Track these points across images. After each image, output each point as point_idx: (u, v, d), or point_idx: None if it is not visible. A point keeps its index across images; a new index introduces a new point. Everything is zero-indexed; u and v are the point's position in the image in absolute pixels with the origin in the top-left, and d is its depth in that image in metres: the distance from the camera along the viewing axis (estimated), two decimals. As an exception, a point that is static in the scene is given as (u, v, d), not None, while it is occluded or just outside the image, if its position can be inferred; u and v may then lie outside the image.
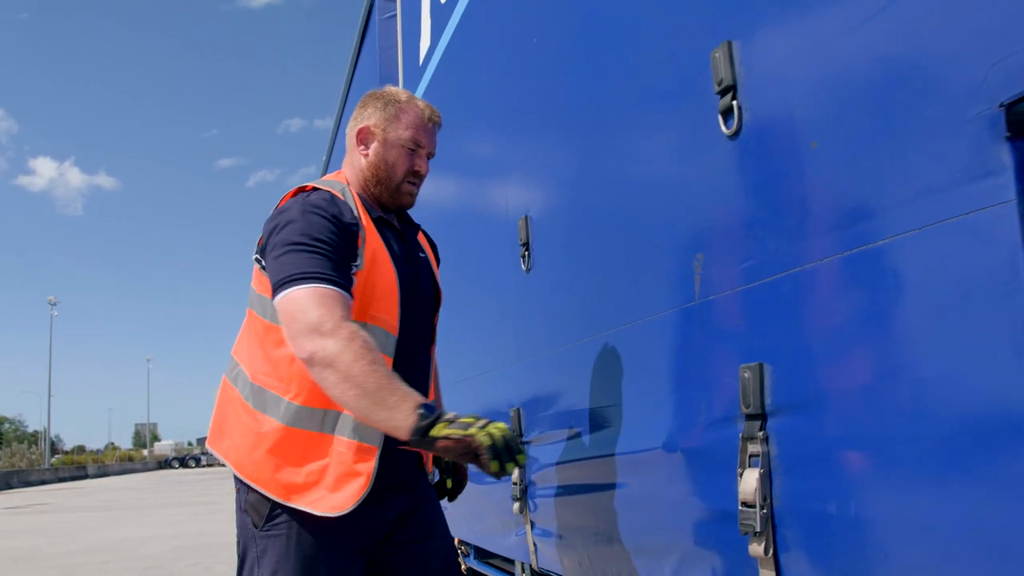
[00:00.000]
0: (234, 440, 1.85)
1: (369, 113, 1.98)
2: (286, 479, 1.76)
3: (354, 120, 2.01)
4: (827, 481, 1.34)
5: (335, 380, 1.61)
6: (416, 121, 1.97)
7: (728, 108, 1.54)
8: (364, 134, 1.97)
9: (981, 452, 1.06)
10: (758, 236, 1.49)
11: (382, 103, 1.98)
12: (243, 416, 1.83)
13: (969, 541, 1.08)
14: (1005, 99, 1.01)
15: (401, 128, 1.95)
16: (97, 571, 7.97)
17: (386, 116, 1.96)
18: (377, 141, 1.95)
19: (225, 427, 1.89)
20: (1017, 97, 1.00)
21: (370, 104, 1.99)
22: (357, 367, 1.59)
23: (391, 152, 1.95)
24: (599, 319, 2.13)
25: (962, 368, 1.09)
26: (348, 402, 1.62)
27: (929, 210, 1.13)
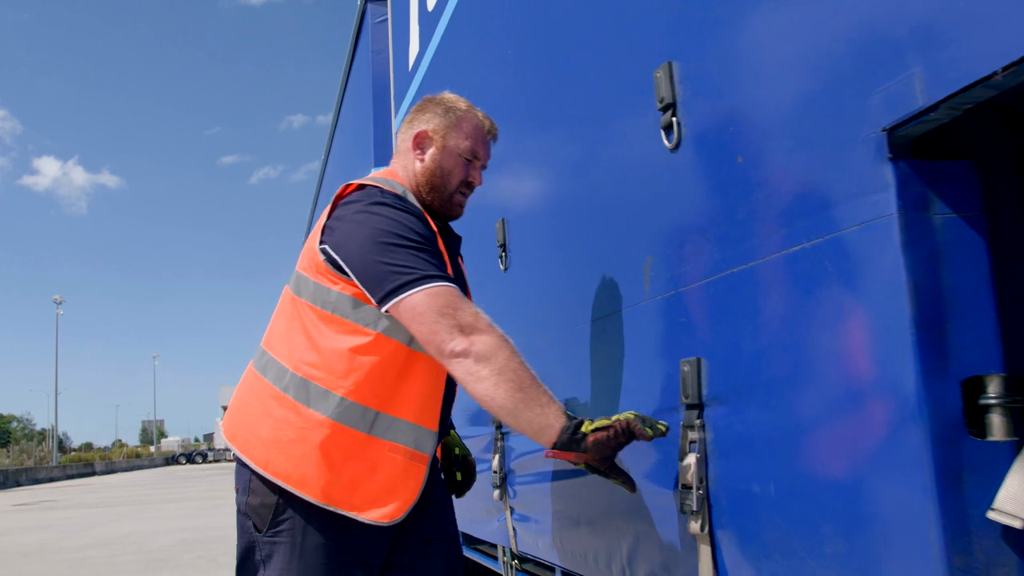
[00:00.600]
0: (260, 434, 1.76)
1: (428, 118, 1.94)
2: (326, 479, 1.70)
3: (409, 123, 1.98)
4: (754, 463, 1.48)
5: (489, 373, 1.58)
6: (476, 131, 1.95)
7: (669, 124, 1.68)
8: (422, 138, 1.93)
9: (873, 436, 1.20)
10: (695, 242, 1.63)
11: (442, 109, 1.95)
12: (276, 408, 1.75)
13: (871, 512, 1.22)
14: (887, 124, 1.15)
15: (461, 137, 1.93)
16: (105, 564, 8.15)
17: (446, 123, 1.93)
18: (435, 147, 1.92)
19: (248, 420, 1.81)
20: (897, 122, 1.14)
21: (429, 108, 1.96)
22: (515, 362, 1.60)
23: (448, 160, 1.92)
24: (566, 316, 2.28)
25: (856, 361, 1.23)
26: (499, 397, 1.58)
27: (832, 221, 1.27)
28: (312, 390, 1.72)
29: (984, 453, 1.14)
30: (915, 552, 1.13)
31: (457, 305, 1.63)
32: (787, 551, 1.39)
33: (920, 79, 1.09)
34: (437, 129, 1.93)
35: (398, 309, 1.65)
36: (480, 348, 1.59)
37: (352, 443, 1.71)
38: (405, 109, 4.43)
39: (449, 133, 1.93)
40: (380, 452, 1.73)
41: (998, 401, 1.14)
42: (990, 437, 1.14)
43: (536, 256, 2.55)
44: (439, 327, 1.60)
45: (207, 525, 11.74)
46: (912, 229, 1.15)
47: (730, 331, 1.54)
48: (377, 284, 1.66)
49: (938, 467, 1.12)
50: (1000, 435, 1.14)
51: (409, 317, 1.64)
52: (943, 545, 1.10)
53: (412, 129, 1.95)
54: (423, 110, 1.97)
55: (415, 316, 1.63)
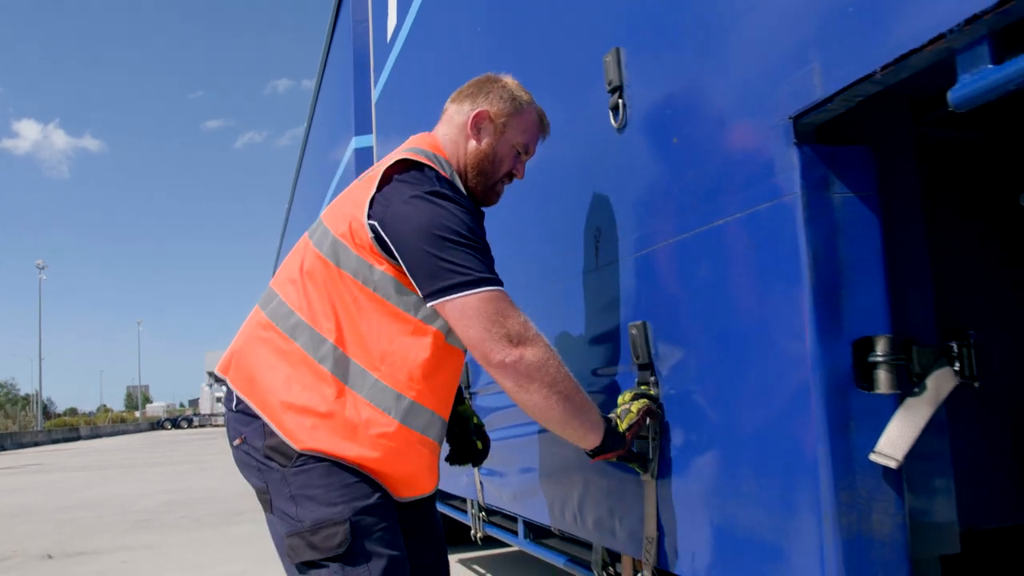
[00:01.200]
0: (284, 399, 1.70)
1: (493, 100, 1.86)
2: (353, 457, 1.68)
3: (471, 98, 1.89)
4: (690, 417, 1.65)
5: (538, 387, 1.60)
6: (533, 126, 1.92)
7: (616, 105, 1.82)
8: (481, 119, 1.85)
9: (778, 389, 1.37)
10: (639, 214, 1.78)
11: (508, 95, 1.88)
12: (308, 377, 1.70)
13: (775, 455, 1.39)
14: (792, 112, 1.30)
15: (520, 129, 1.88)
16: (92, 524, 8.32)
17: (509, 110, 1.87)
18: (493, 133, 1.86)
19: (271, 381, 1.73)
20: (800, 111, 1.29)
21: (494, 90, 1.88)
22: (562, 374, 1.62)
23: (503, 148, 1.87)
24: (525, 283, 2.43)
25: (765, 323, 1.39)
26: (548, 410, 1.61)
27: (748, 198, 1.42)
28: (352, 367, 1.70)
29: (870, 404, 1.31)
30: (810, 488, 1.30)
31: (507, 312, 1.61)
32: (714, 491, 1.56)
33: (818, 74, 1.23)
34: (499, 114, 1.86)
35: (445, 308, 1.62)
36: (530, 360, 1.59)
37: (384, 427, 1.69)
38: (384, 80, 4.53)
39: (510, 122, 1.87)
40: (409, 443, 1.73)
41: (884, 359, 1.30)
42: (876, 391, 1.31)
43: (499, 226, 2.68)
44: (489, 335, 1.58)
45: (192, 487, 11.94)
46: (813, 207, 1.30)
47: (668, 296, 1.70)
48: (428, 278, 1.62)
49: (829, 416, 1.28)
50: (885, 389, 1.30)
51: (457, 318, 1.61)
52: (832, 482, 1.27)
53: (473, 106, 1.87)
54: (486, 90, 1.88)
55: (464, 318, 1.60)
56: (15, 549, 6.76)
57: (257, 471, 1.72)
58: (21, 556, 6.38)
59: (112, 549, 6.52)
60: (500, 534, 3.19)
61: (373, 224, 1.67)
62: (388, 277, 1.69)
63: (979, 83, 1.02)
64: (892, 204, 1.38)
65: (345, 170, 5.89)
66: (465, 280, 1.59)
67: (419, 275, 1.64)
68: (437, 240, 1.60)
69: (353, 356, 1.70)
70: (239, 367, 1.79)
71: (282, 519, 1.69)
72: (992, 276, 1.65)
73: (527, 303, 2.41)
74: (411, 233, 1.63)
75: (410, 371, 1.71)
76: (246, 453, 1.74)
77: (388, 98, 4.47)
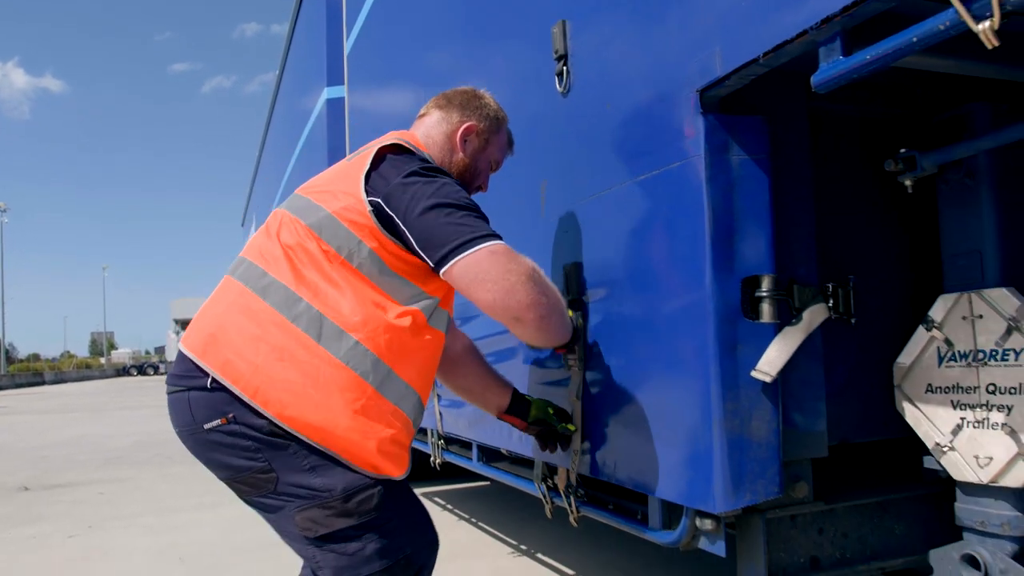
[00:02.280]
0: (256, 363, 1.61)
1: (480, 115, 1.95)
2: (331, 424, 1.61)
3: (458, 110, 1.95)
4: (615, 342, 1.92)
5: (557, 318, 1.70)
6: (507, 144, 2.05)
7: (561, 72, 2.05)
8: (470, 133, 1.94)
9: (682, 318, 1.64)
10: (577, 170, 2.03)
11: (492, 112, 1.97)
12: (278, 337, 1.63)
13: (678, 373, 1.67)
14: (699, 87, 1.55)
15: (498, 146, 2.00)
16: (64, 461, 8.53)
17: (492, 127, 1.97)
18: (475, 146, 1.95)
19: (241, 346, 1.64)
20: (705, 86, 1.54)
21: (480, 106, 1.96)
22: (560, 308, 1.74)
23: (482, 162, 1.98)
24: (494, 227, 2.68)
25: (673, 264, 1.66)
26: (553, 330, 1.71)
27: (664, 158, 1.68)
28: (326, 326, 1.64)
29: (755, 331, 1.59)
30: (703, 399, 1.58)
31: (523, 258, 1.67)
32: (627, 407, 1.85)
33: (719, 56, 1.49)
34: (485, 130, 1.95)
35: (456, 268, 1.61)
36: (551, 300, 1.68)
37: (359, 392, 1.63)
38: (356, 33, 4.68)
39: (492, 139, 1.97)
40: (383, 413, 1.66)
41: (768, 295, 1.58)
42: (760, 320, 1.59)
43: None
44: (508, 282, 1.61)
45: (161, 429, 12.13)
46: (714, 166, 1.56)
47: (597, 242, 1.96)
48: (437, 246, 1.62)
49: (720, 340, 1.56)
50: (767, 319, 1.58)
51: (473, 273, 1.61)
52: (720, 394, 1.55)
53: (462, 118, 1.94)
54: (474, 105, 1.96)
55: (479, 271, 1.60)
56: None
57: (250, 451, 1.61)
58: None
59: (87, 482, 6.75)
60: (456, 459, 3.49)
61: (375, 201, 1.67)
62: (375, 256, 1.68)
63: (833, 70, 1.28)
64: (783, 165, 1.65)
65: (316, 120, 6.03)
66: (476, 236, 1.61)
67: (428, 244, 1.64)
68: (439, 209, 1.63)
69: (329, 317, 1.65)
70: (218, 347, 1.66)
71: (295, 495, 1.60)
72: (874, 230, 1.93)
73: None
74: (415, 207, 1.64)
75: (390, 340, 1.67)
76: (231, 434, 1.62)
77: (360, 51, 4.62)
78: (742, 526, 1.72)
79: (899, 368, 1.77)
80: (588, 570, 3.34)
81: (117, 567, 3.79)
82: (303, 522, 1.60)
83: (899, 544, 1.85)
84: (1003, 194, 1.62)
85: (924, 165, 1.58)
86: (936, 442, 1.68)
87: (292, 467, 1.60)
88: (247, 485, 1.65)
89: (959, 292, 1.63)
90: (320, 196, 1.75)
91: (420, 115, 2.00)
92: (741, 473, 1.56)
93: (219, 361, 1.63)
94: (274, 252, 1.73)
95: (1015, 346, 1.52)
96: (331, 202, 1.72)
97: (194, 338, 1.69)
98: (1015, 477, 1.53)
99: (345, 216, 1.68)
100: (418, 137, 1.93)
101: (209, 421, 1.63)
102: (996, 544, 1.58)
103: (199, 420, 1.64)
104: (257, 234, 1.84)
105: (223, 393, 1.61)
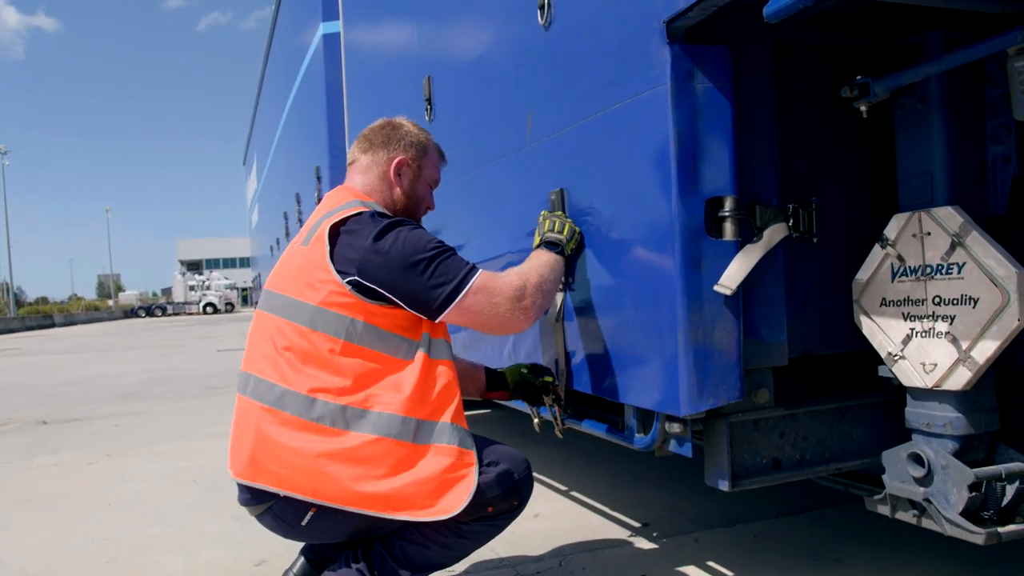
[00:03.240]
0: (301, 467, 1.75)
1: (404, 146, 2.05)
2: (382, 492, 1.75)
3: (383, 148, 2.05)
4: (593, 263, 2.04)
5: (545, 302, 1.90)
6: (438, 162, 2.14)
7: (543, 4, 2.13)
8: (402, 166, 2.04)
9: (651, 236, 1.76)
10: (559, 100, 2.13)
11: (413, 139, 2.07)
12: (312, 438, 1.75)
13: (650, 289, 1.79)
14: (666, 18, 1.64)
15: (431, 167, 2.10)
16: (80, 396, 8.78)
17: (418, 153, 2.06)
18: (410, 176, 2.05)
19: (282, 456, 1.77)
20: (671, 17, 1.63)
21: (402, 137, 2.06)
22: (544, 274, 1.91)
23: (421, 188, 2.08)
24: (478, 157, 2.78)
25: (642, 186, 1.77)
26: (553, 294, 1.96)
27: (635, 87, 1.77)
28: (349, 414, 1.76)
29: (718, 249, 1.71)
30: (670, 312, 1.71)
31: (496, 282, 1.82)
32: (604, 322, 1.98)
33: (684, -13, 1.57)
34: (414, 159, 2.05)
35: (451, 316, 1.80)
36: (534, 294, 1.85)
37: (400, 452, 1.76)
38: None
39: (423, 163, 2.07)
40: (423, 455, 1.78)
41: (730, 214, 1.69)
42: (723, 238, 1.70)
43: (455, 109, 3.01)
44: (499, 310, 1.80)
45: (172, 367, 12.41)
46: (679, 94, 1.66)
47: (578, 168, 2.07)
48: (425, 302, 1.78)
49: (685, 256, 1.68)
50: (729, 237, 1.70)
51: (467, 317, 1.80)
52: (685, 307, 1.68)
53: (389, 154, 2.04)
54: (396, 137, 2.06)
55: (472, 314, 1.80)
56: (11, 417, 7.21)
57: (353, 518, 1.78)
58: (18, 423, 6.83)
59: (103, 416, 6.99)
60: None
61: (351, 279, 1.78)
62: (369, 326, 1.79)
63: (782, 2, 1.37)
64: (746, 93, 1.74)
65: (313, 56, 6.04)
66: (455, 284, 1.77)
67: (416, 303, 1.79)
68: (414, 266, 1.76)
69: (350, 404, 1.76)
70: (263, 464, 1.80)
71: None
72: (839, 155, 2.02)
73: (481, 173, 2.78)
74: (393, 272, 1.77)
75: (410, 396, 1.78)
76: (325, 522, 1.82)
77: (353, -14, 4.64)
78: (708, 430, 1.87)
79: (857, 284, 1.89)
80: (580, 485, 3.54)
81: (135, 488, 4.01)
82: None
83: (856, 447, 2.00)
84: (952, 119, 1.71)
85: (876, 91, 1.67)
86: (888, 352, 1.81)
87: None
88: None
89: (911, 211, 1.74)
90: (300, 292, 1.85)
91: (349, 162, 2.11)
92: (704, 379, 1.70)
93: (274, 478, 1.78)
94: (272, 360, 1.84)
95: (958, 260, 1.64)
96: (313, 296, 1.82)
97: (243, 471, 1.83)
98: (956, 381, 1.66)
99: (331, 302, 1.79)
100: (357, 188, 2.04)
101: (301, 521, 1.83)
102: (939, 443, 1.73)
103: (292, 524, 1.85)
104: (253, 339, 1.96)
105: (293, 501, 1.79)
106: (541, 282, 1.89)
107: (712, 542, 2.67)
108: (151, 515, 3.45)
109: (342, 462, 1.73)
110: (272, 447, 1.78)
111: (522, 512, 1.96)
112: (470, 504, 1.77)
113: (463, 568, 2.49)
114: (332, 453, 1.73)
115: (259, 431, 1.80)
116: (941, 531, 1.68)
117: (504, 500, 1.85)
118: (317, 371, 1.78)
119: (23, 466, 4.78)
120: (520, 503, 1.92)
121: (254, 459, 1.80)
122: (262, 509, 1.86)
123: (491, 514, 1.85)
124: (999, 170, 1.75)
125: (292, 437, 1.76)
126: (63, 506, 3.72)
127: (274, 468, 1.77)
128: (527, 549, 2.68)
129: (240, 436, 1.85)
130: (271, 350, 1.85)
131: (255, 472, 1.80)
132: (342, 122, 5.15)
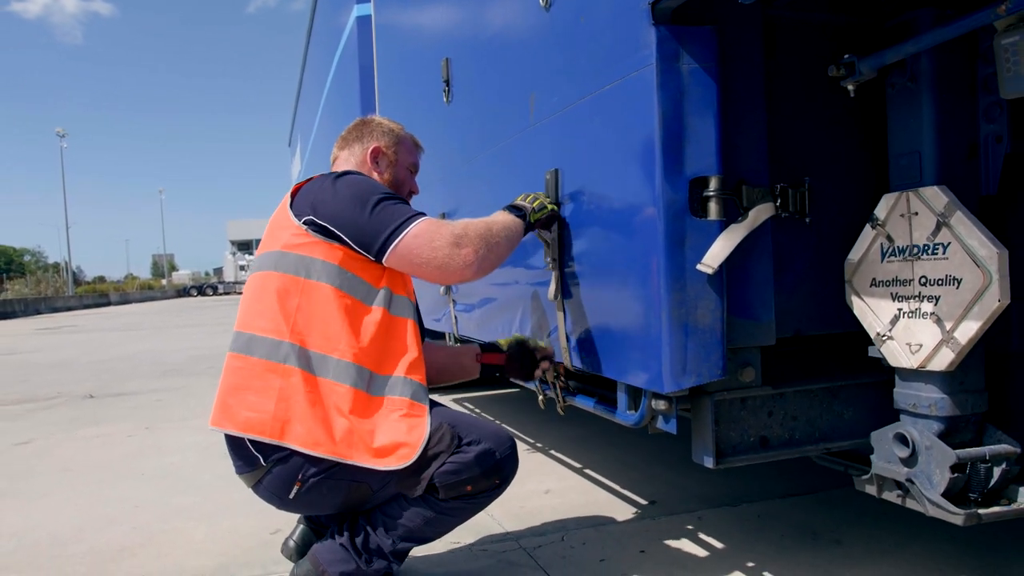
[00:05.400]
0: (267, 408, 1.83)
1: (377, 136, 2.17)
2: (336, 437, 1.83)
3: (358, 141, 2.18)
4: (586, 243, 2.08)
5: (499, 251, 1.93)
6: (414, 147, 2.26)
7: (543, -13, 2.16)
8: (378, 154, 2.16)
9: (638, 215, 1.78)
10: (559, 81, 2.15)
11: (384, 129, 2.19)
12: (275, 380, 1.84)
13: (636, 265, 1.82)
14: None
15: (406, 152, 2.21)
16: (127, 372, 9.09)
17: (392, 140, 2.18)
18: (387, 162, 2.17)
19: (249, 399, 1.86)
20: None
21: (374, 128, 2.19)
22: (492, 229, 1.93)
23: (401, 172, 2.19)
24: (490, 137, 2.82)
25: (628, 166, 1.79)
26: (491, 265, 1.92)
27: (623, 68, 1.79)
28: (312, 356, 1.84)
29: (702, 229, 1.72)
30: (654, 290, 1.74)
31: (439, 227, 1.86)
32: (602, 300, 2.01)
33: (667, -31, 1.58)
34: (389, 145, 2.17)
35: (392, 257, 1.85)
36: (478, 246, 1.88)
37: (356, 401, 1.84)
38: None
39: (398, 149, 2.19)
40: (378, 408, 1.87)
41: (714, 194, 1.71)
42: (707, 218, 1.72)
43: (471, 91, 3.05)
44: (436, 253, 1.83)
45: (217, 345, 12.73)
46: (665, 75, 1.68)
47: (571, 150, 2.09)
48: (371, 240, 1.85)
49: (668, 236, 1.70)
50: (713, 216, 1.72)
51: (407, 258, 1.85)
52: (668, 285, 1.71)
53: (364, 145, 2.17)
54: (368, 130, 2.19)
55: (411, 255, 1.84)
56: (60, 391, 7.50)
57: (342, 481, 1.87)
58: (66, 396, 7.11)
59: (146, 391, 7.23)
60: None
61: (307, 219, 1.88)
62: (328, 264, 1.87)
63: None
64: (734, 73, 1.75)
65: (348, 38, 6.12)
66: (397, 224, 1.84)
67: (361, 241, 1.86)
68: (362, 204, 1.85)
69: (311, 347, 1.85)
70: (232, 410, 1.89)
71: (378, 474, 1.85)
72: (833, 134, 2.01)
73: (494, 153, 2.82)
74: (341, 208, 1.86)
75: (366, 346, 1.87)
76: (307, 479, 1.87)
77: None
78: (695, 408, 1.90)
79: (849, 264, 1.89)
80: (593, 463, 3.58)
81: (170, 459, 4.16)
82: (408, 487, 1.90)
83: (848, 427, 2.01)
84: (941, 97, 1.70)
85: (862, 70, 1.67)
86: (877, 332, 1.82)
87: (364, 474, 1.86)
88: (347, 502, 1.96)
89: (900, 191, 1.74)
90: (266, 246, 1.98)
91: (332, 161, 2.25)
92: (687, 357, 1.73)
93: (241, 422, 1.86)
94: (247, 312, 1.95)
95: (943, 240, 1.63)
96: (276, 243, 1.94)
97: (212, 413, 1.92)
98: (940, 362, 1.66)
99: (291, 244, 1.90)
100: None
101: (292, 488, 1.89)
102: (925, 424, 1.73)
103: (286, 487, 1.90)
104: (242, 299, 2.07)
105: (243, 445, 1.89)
106: (487, 234, 1.91)
107: (715, 520, 2.70)
108: (181, 485, 3.59)
109: (307, 405, 1.82)
110: (242, 392, 1.86)
111: (506, 489, 2.00)
112: (447, 483, 1.86)
113: (469, 540, 2.55)
114: (295, 396, 1.81)
115: (227, 377, 1.90)
116: (924, 511, 1.68)
117: (484, 479, 1.91)
118: (282, 315, 1.86)
119: (67, 437, 4.99)
120: (502, 481, 1.97)
121: (223, 404, 1.89)
122: (255, 479, 1.94)
123: (471, 492, 1.91)
124: (991, 149, 1.73)
125: (260, 380, 1.84)
126: (99, 475, 3.89)
127: (243, 412, 1.85)
128: (533, 523, 2.73)
129: (219, 388, 1.94)
130: (247, 304, 1.97)
131: (224, 417, 1.88)
132: (374, 105, 5.22)
